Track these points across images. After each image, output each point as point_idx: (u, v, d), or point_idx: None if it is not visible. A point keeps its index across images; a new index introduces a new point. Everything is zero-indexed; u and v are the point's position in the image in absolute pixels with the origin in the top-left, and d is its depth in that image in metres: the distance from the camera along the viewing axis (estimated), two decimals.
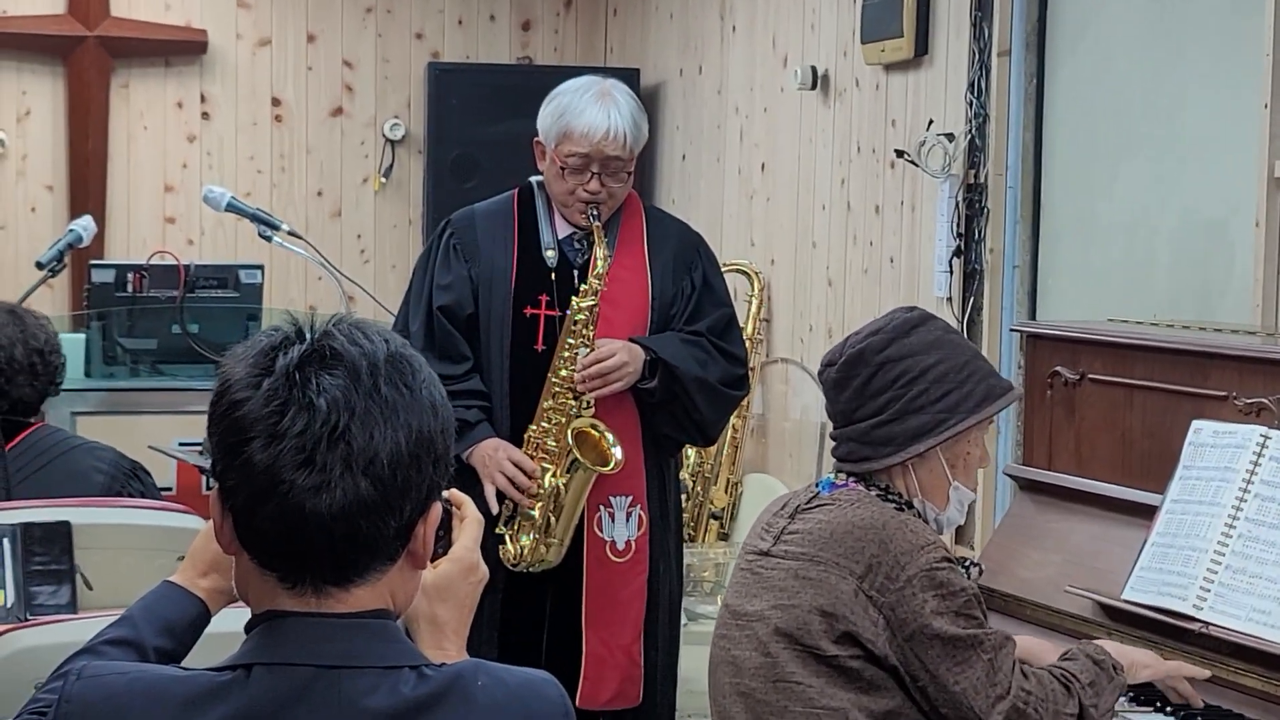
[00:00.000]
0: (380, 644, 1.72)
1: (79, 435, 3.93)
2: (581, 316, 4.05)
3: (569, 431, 4.04)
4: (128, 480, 3.81)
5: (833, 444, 3.07)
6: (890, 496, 2.97)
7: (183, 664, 1.96)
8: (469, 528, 1.99)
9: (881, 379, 2.97)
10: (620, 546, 4.14)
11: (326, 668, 1.70)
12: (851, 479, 3.01)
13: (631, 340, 4.08)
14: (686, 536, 6.14)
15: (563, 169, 4.08)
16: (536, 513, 4.04)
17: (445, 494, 1.93)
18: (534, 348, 4.11)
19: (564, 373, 4.05)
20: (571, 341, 4.05)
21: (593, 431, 4.07)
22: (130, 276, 5.75)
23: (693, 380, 4.09)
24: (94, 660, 1.88)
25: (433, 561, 1.93)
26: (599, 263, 4.06)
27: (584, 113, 4.08)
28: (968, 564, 3.29)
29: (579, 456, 4.02)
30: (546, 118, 4.14)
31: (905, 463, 2.98)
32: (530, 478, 4.03)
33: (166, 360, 5.80)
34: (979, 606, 2.85)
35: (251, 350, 1.73)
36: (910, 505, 2.98)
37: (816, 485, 3.05)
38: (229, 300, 5.82)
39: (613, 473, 4.05)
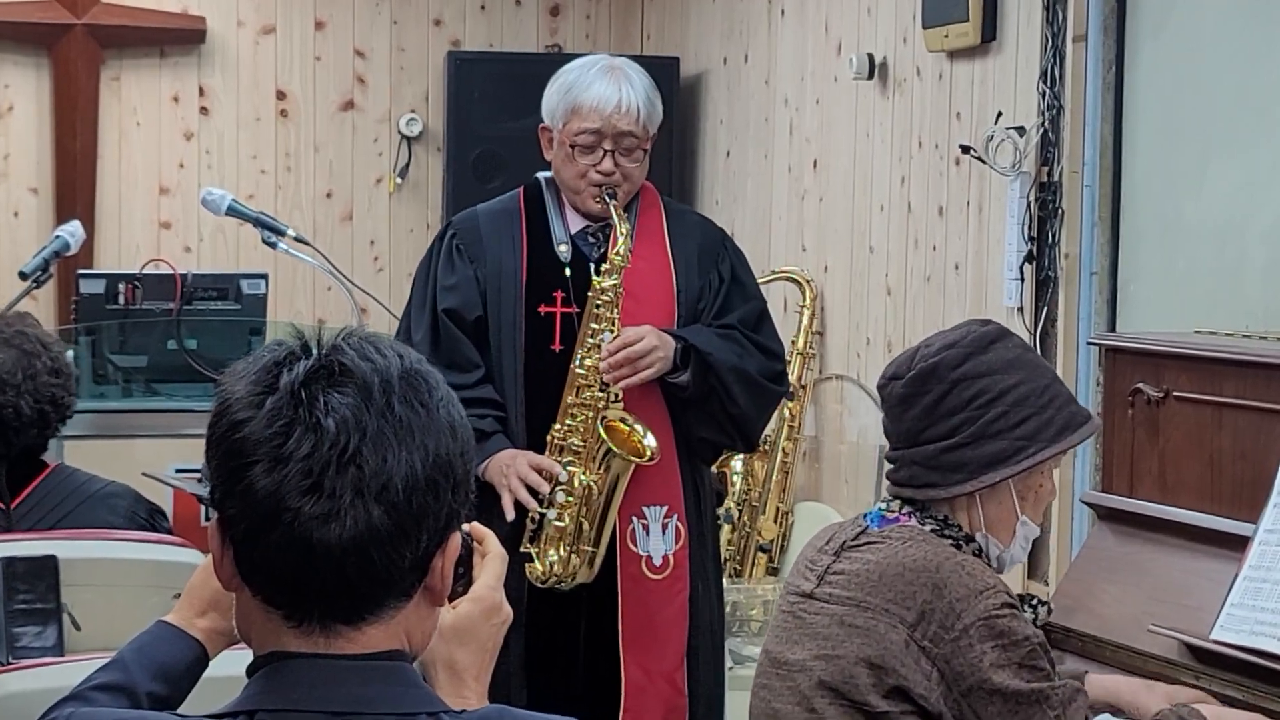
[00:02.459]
0: (395, 689, 1.73)
1: (93, 475, 3.89)
2: (605, 298, 4.07)
3: (599, 424, 4.04)
4: (145, 530, 3.80)
5: (890, 467, 3.07)
6: (948, 531, 2.96)
7: (179, 711, 1.97)
8: (491, 564, 2.00)
9: (956, 398, 2.97)
10: (657, 562, 4.15)
11: (337, 714, 1.71)
12: (904, 511, 3.00)
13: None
14: (732, 571, 6.16)
15: (573, 148, 4.11)
16: (567, 520, 4.04)
17: (465, 527, 1.95)
18: (551, 348, 4.14)
19: (589, 362, 4.06)
20: (595, 327, 4.07)
21: (621, 425, 4.08)
22: (122, 287, 5.75)
23: (729, 370, 4.10)
24: (82, 707, 1.90)
25: (451, 601, 1.95)
26: (620, 239, 4.06)
27: (592, 85, 4.12)
28: (1035, 603, 3.28)
29: (613, 447, 4.02)
30: (552, 97, 4.18)
31: (974, 493, 2.97)
32: (554, 482, 4.02)
33: (161, 379, 5.82)
34: (1045, 656, 2.84)
35: (253, 367, 1.74)
36: (970, 540, 2.97)
37: (864, 518, 3.05)
38: (230, 313, 5.83)
39: (650, 463, 4.05)
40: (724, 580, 5.79)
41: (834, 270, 6.41)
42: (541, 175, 4.27)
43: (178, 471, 5.35)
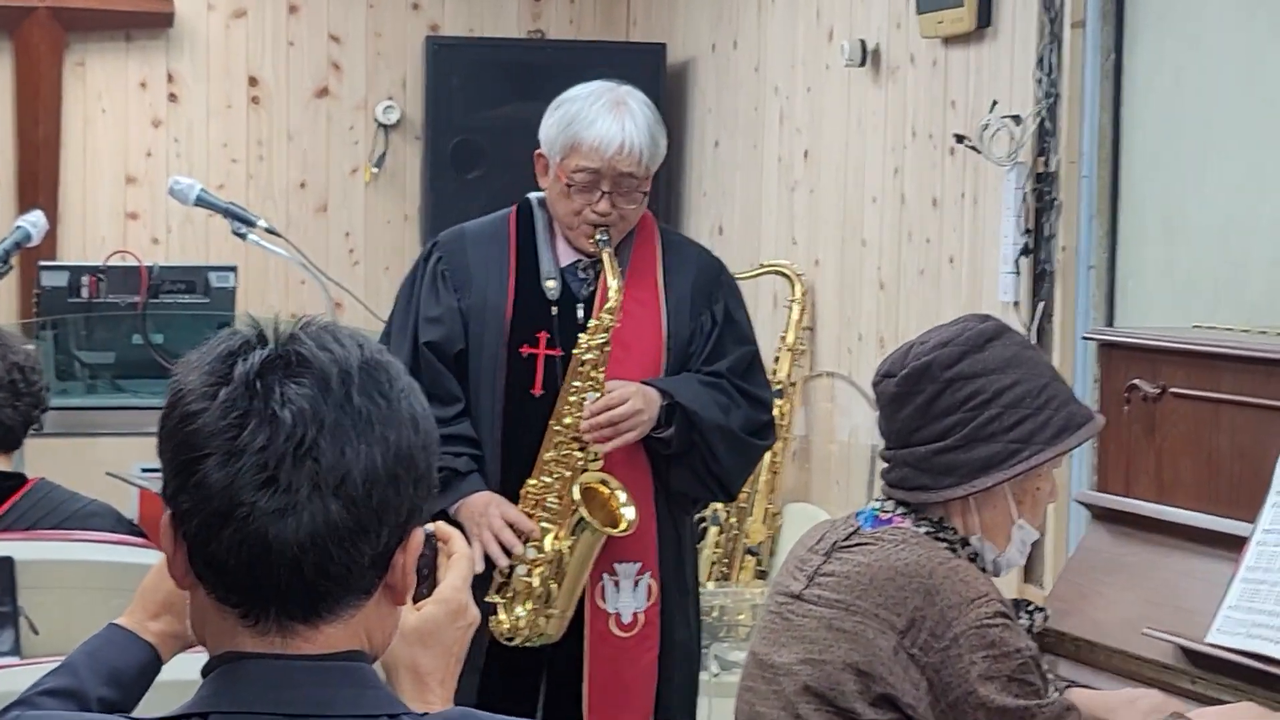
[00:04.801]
0: (354, 690, 1.73)
1: (74, 494, 3.89)
2: (590, 357, 4.01)
3: (575, 487, 4.00)
4: None
5: (883, 466, 3.07)
6: (942, 535, 2.96)
7: (131, 716, 1.97)
8: (457, 565, 2.00)
9: (949, 398, 2.97)
10: (626, 620, 4.11)
11: (293, 717, 1.70)
12: (899, 512, 3.00)
13: (645, 383, 4.05)
14: (719, 574, 6.15)
15: (569, 186, 4.04)
16: (535, 579, 4.00)
17: (431, 526, 1.94)
18: (531, 392, 4.08)
19: (568, 420, 4.01)
20: (578, 385, 4.01)
21: (602, 488, 4.04)
22: (85, 280, 5.77)
23: (714, 428, 4.06)
24: (28, 711, 1.89)
25: (416, 603, 1.94)
26: (611, 295, 4.01)
27: (595, 123, 4.04)
28: (1032, 610, 3.28)
29: (586, 516, 3.99)
30: (552, 127, 4.10)
31: (968, 497, 2.97)
32: (527, 540, 3.99)
33: (127, 375, 5.82)
34: (1036, 670, 2.83)
35: (207, 356, 1.74)
36: (965, 544, 2.97)
37: (857, 517, 3.05)
38: (197, 307, 5.84)
39: (624, 535, 4.02)
40: (710, 584, 5.82)
41: (825, 264, 6.41)
42: (534, 196, 4.20)
43: (144, 471, 5.35)
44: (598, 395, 4.00)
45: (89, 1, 7.52)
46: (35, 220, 5.58)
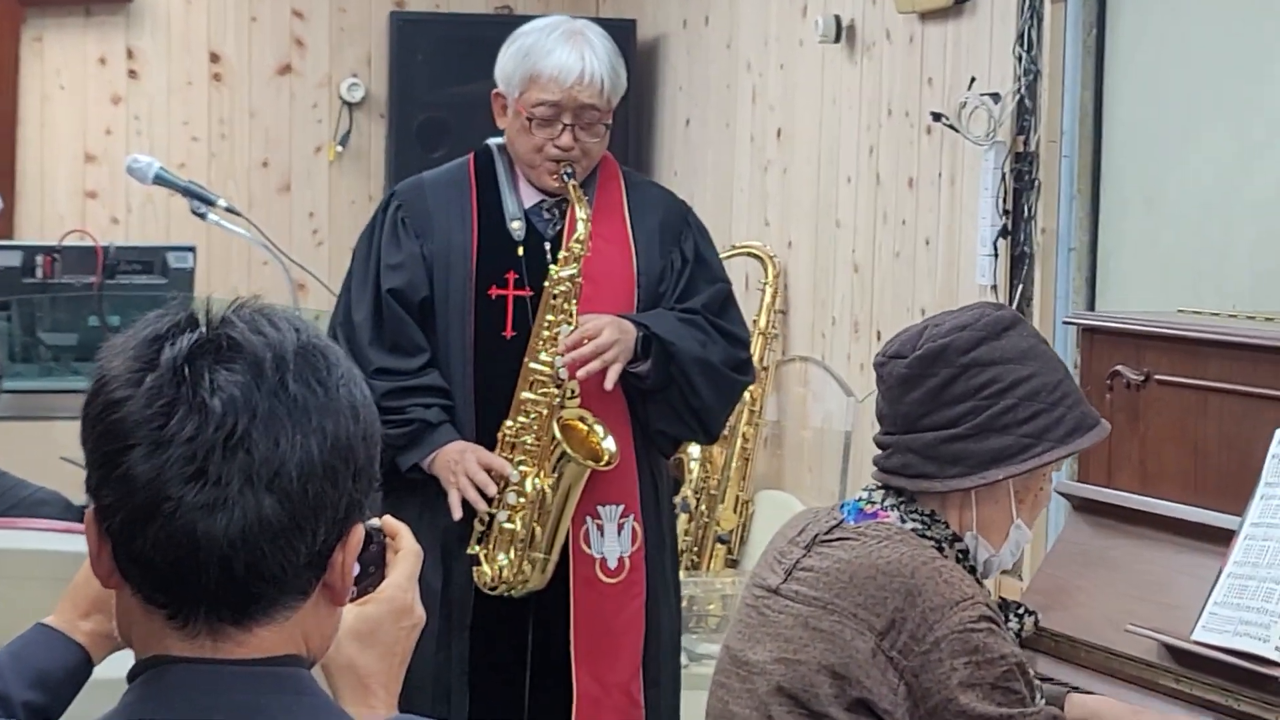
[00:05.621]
0: (290, 697, 1.66)
1: (21, 480, 3.82)
2: (562, 289, 4.01)
3: (553, 424, 3.99)
4: None
5: (880, 452, 2.99)
6: (932, 530, 2.89)
7: None
8: (404, 562, 1.94)
9: (964, 384, 2.89)
10: (612, 565, 4.11)
11: None
12: (886, 504, 2.92)
13: (619, 317, 4.05)
14: (689, 563, 6.13)
15: (529, 121, 4.04)
16: (518, 523, 3.99)
17: (378, 522, 1.90)
18: (502, 334, 4.08)
19: (544, 356, 4.01)
20: (551, 319, 4.02)
21: (580, 424, 4.04)
22: (40, 259, 5.78)
23: (692, 360, 4.06)
24: None
25: (360, 600, 1.89)
26: (579, 225, 4.01)
27: (552, 53, 4.05)
28: (1022, 612, 3.22)
29: (569, 450, 3.98)
30: (508, 62, 4.11)
31: (971, 490, 2.90)
32: (506, 484, 3.98)
33: (85, 357, 5.78)
34: (1022, 678, 2.78)
35: (133, 340, 1.67)
36: (956, 541, 2.90)
37: (841, 509, 2.98)
38: (155, 288, 5.84)
39: (607, 469, 4.02)
40: (680, 574, 5.76)
41: (798, 246, 6.39)
42: (493, 142, 4.21)
43: None
44: (572, 328, 4.00)
45: None
46: None
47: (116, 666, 2.03)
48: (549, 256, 4.08)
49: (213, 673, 1.64)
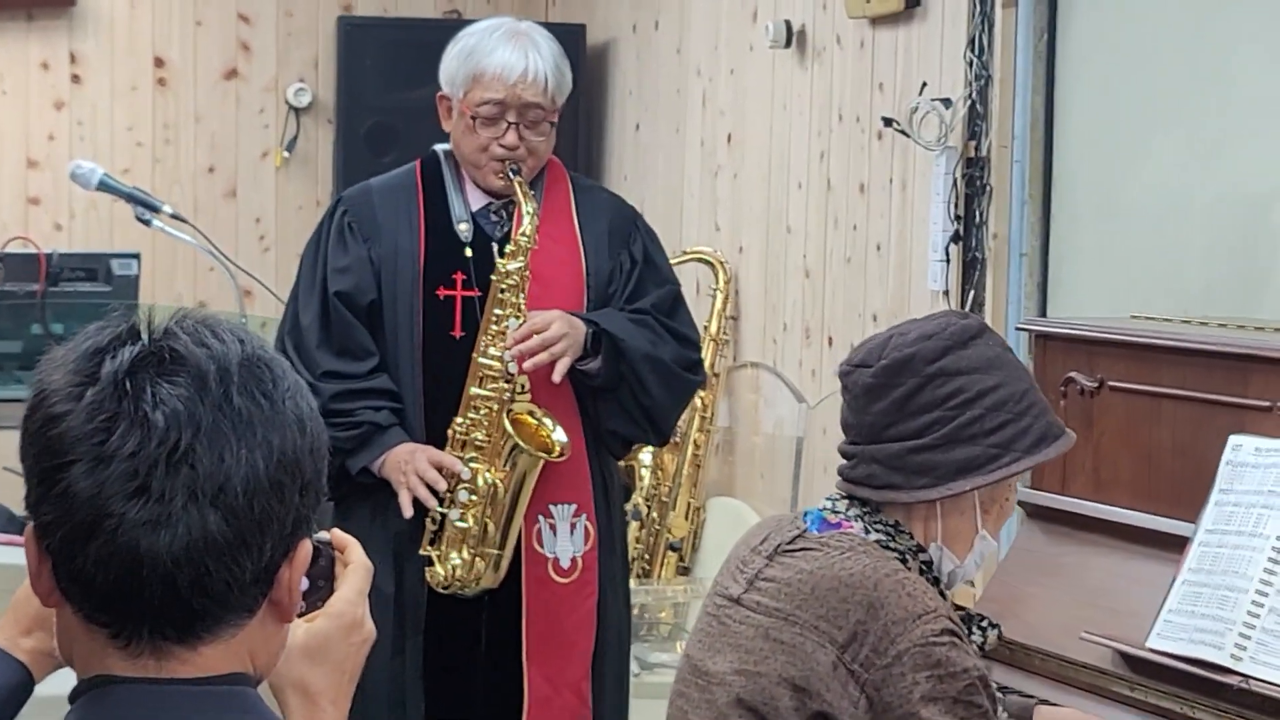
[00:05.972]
0: (235, 715, 1.64)
1: None
2: (510, 282, 4.02)
3: (504, 418, 3.99)
4: None
5: (845, 462, 2.97)
6: (896, 541, 2.87)
7: None
8: (353, 576, 1.92)
9: (930, 394, 2.88)
10: (565, 564, 4.12)
11: None
12: (849, 514, 2.90)
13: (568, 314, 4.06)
14: (641, 571, 6.12)
15: (474, 120, 4.05)
16: (470, 521, 3.99)
17: (326, 535, 1.88)
18: (450, 334, 4.08)
19: (493, 351, 4.01)
20: (500, 313, 4.02)
21: (529, 419, 4.04)
22: None
23: (642, 357, 4.07)
24: None
25: (309, 616, 1.86)
26: (526, 219, 4.01)
27: (495, 51, 4.07)
28: (985, 625, 3.21)
29: (520, 442, 3.97)
30: (451, 62, 4.13)
31: (936, 501, 2.88)
32: (458, 481, 3.97)
33: (28, 366, 5.72)
34: (984, 692, 2.76)
35: (73, 353, 1.65)
36: (920, 552, 2.89)
37: (804, 518, 2.96)
38: (99, 295, 5.79)
39: (559, 460, 4.02)
40: (631, 581, 5.75)
41: (749, 251, 6.38)
42: (439, 148, 4.23)
43: None
44: (520, 322, 4.00)
45: None
46: None
47: (59, 684, 2.00)
48: (497, 257, 4.07)
49: (157, 693, 1.62)
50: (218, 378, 1.62)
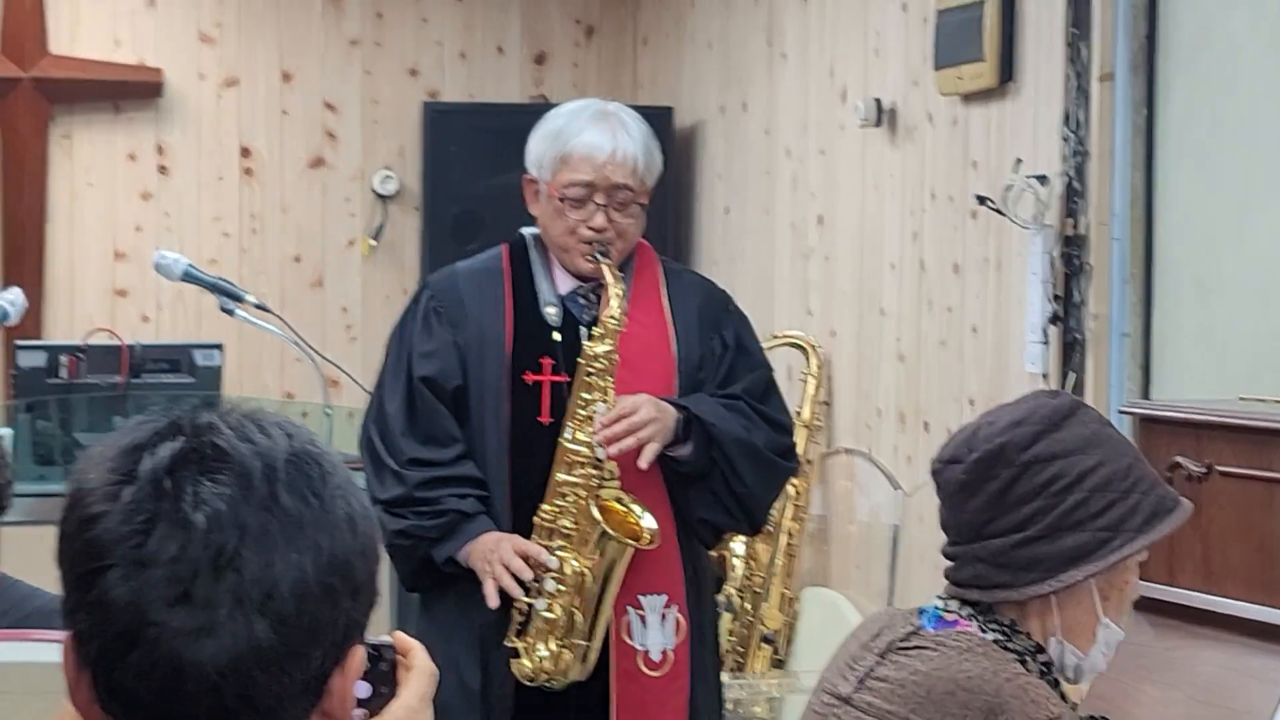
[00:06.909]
0: None
1: (36, 589, 3.75)
2: (598, 365, 3.97)
3: (592, 506, 3.94)
4: None
5: (949, 564, 2.86)
6: (1014, 642, 2.76)
7: None
8: (416, 681, 1.82)
9: (1027, 483, 2.77)
10: (655, 657, 4.05)
11: None
12: (964, 613, 2.79)
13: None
14: (734, 664, 6.06)
15: (561, 201, 4.02)
16: (558, 611, 3.93)
17: (388, 637, 1.77)
18: (538, 420, 4.03)
19: (581, 435, 3.95)
20: (587, 397, 3.97)
21: (617, 506, 3.98)
22: (64, 359, 5.76)
23: (735, 443, 4.02)
24: None
25: None
26: (614, 300, 3.96)
27: (583, 132, 4.05)
28: None
29: (608, 529, 3.92)
30: (538, 144, 4.11)
31: (1050, 595, 2.77)
32: (546, 571, 3.92)
33: None
34: None
35: (112, 450, 1.57)
36: (1040, 652, 2.77)
37: (919, 615, 2.85)
38: (182, 387, 5.79)
39: (649, 548, 3.95)
40: (724, 675, 5.68)
41: (841, 335, 6.36)
42: (527, 231, 4.19)
43: None
44: (608, 406, 3.95)
45: (75, 71, 7.51)
46: (13, 299, 5.52)
47: None
48: (585, 340, 4.04)
49: None
50: (264, 475, 1.55)
